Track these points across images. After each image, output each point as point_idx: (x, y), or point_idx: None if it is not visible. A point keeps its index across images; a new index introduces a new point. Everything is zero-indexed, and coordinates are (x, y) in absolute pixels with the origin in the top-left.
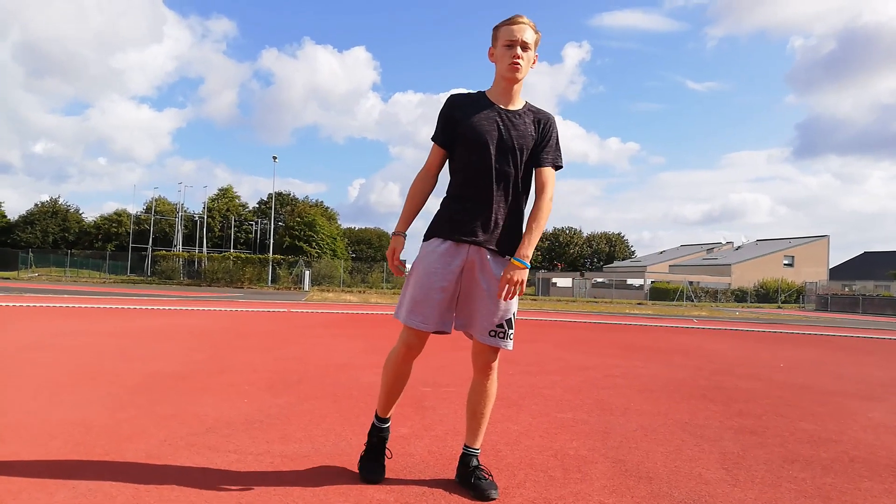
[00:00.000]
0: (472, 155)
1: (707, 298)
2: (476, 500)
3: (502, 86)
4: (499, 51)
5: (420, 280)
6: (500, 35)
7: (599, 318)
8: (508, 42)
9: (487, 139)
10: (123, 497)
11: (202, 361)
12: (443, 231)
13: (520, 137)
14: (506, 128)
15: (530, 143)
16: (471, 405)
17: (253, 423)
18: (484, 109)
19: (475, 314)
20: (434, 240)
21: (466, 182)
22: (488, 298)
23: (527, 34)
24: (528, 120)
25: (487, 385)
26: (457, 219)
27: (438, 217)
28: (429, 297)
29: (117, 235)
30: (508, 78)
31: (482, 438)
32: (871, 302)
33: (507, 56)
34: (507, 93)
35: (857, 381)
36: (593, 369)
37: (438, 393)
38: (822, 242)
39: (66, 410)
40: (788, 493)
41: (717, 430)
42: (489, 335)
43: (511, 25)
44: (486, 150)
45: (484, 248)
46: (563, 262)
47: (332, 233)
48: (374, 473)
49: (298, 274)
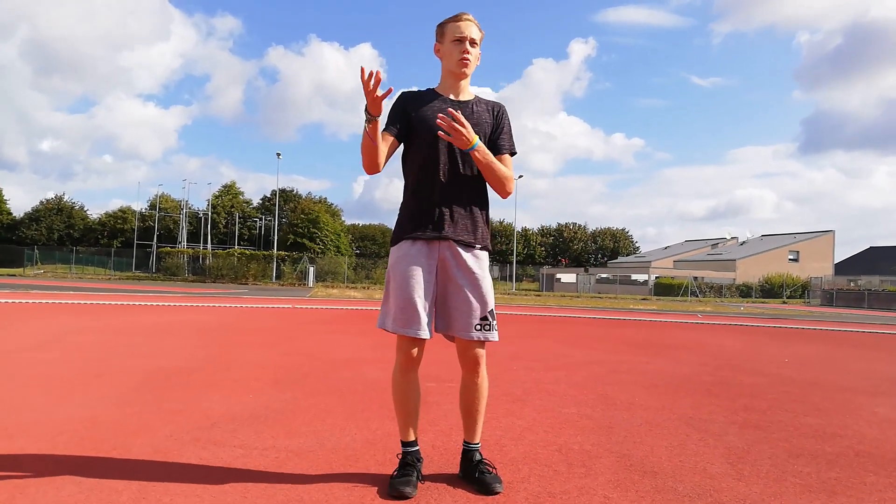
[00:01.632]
0: (427, 148)
1: (712, 294)
2: (481, 494)
3: (450, 81)
4: (446, 47)
5: (400, 285)
6: (446, 31)
7: (604, 314)
8: (457, 38)
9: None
10: (129, 492)
11: (207, 357)
12: (410, 231)
13: (475, 126)
14: None
15: (487, 131)
16: (465, 404)
17: (258, 418)
18: (435, 102)
19: (455, 313)
20: (403, 243)
21: (424, 176)
22: (469, 292)
23: (473, 31)
24: (481, 109)
25: (479, 382)
26: (420, 215)
27: (402, 219)
28: (413, 302)
29: (122, 232)
30: (457, 73)
31: (481, 433)
32: (877, 297)
33: (456, 52)
34: (455, 87)
35: (863, 376)
36: (597, 365)
37: (442, 388)
38: (828, 237)
39: (73, 407)
40: (793, 488)
41: (722, 425)
42: (475, 330)
43: (458, 22)
44: (440, 141)
45: (453, 242)
46: (567, 258)
47: (336, 229)
48: (403, 486)
49: (303, 270)
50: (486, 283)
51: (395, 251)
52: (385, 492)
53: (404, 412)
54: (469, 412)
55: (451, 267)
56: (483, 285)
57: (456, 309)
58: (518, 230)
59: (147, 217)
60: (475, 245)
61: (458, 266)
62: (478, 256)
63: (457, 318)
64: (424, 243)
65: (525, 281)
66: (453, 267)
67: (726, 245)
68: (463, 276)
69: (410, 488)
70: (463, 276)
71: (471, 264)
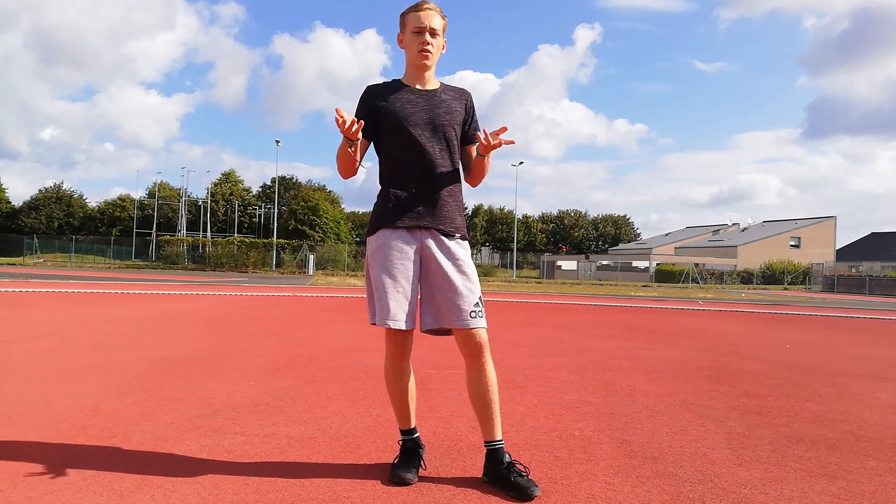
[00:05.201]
0: (400, 139)
1: (713, 280)
2: (517, 500)
3: (414, 72)
4: (407, 37)
5: (383, 277)
6: (407, 21)
7: (604, 301)
8: (417, 29)
9: (413, 120)
10: (131, 478)
11: (208, 346)
12: (388, 220)
13: (446, 114)
14: (430, 106)
15: (459, 120)
16: (477, 397)
17: (259, 405)
18: (403, 93)
19: (447, 303)
20: (382, 231)
21: (399, 167)
22: (459, 280)
23: (434, 20)
24: (450, 97)
25: (487, 370)
26: (399, 205)
27: (379, 209)
28: (397, 292)
29: (121, 220)
30: (419, 65)
31: (501, 427)
32: (878, 283)
33: (416, 43)
34: (420, 77)
35: (864, 362)
36: (598, 351)
37: (443, 375)
38: (829, 223)
39: (74, 395)
40: (794, 473)
41: (723, 411)
42: (471, 317)
43: (418, 12)
44: (413, 130)
45: (435, 230)
46: (568, 245)
47: (336, 217)
48: (404, 472)
49: (302, 258)
50: (473, 269)
51: (373, 240)
52: (386, 478)
53: (400, 402)
54: (483, 406)
55: (435, 255)
56: (470, 272)
57: (447, 299)
58: (518, 217)
59: (146, 206)
60: (455, 234)
61: (443, 254)
62: (460, 244)
63: (450, 308)
64: (405, 231)
65: (526, 268)
66: (438, 255)
67: (727, 231)
68: (450, 263)
69: (411, 475)
70: (450, 265)
71: (455, 251)
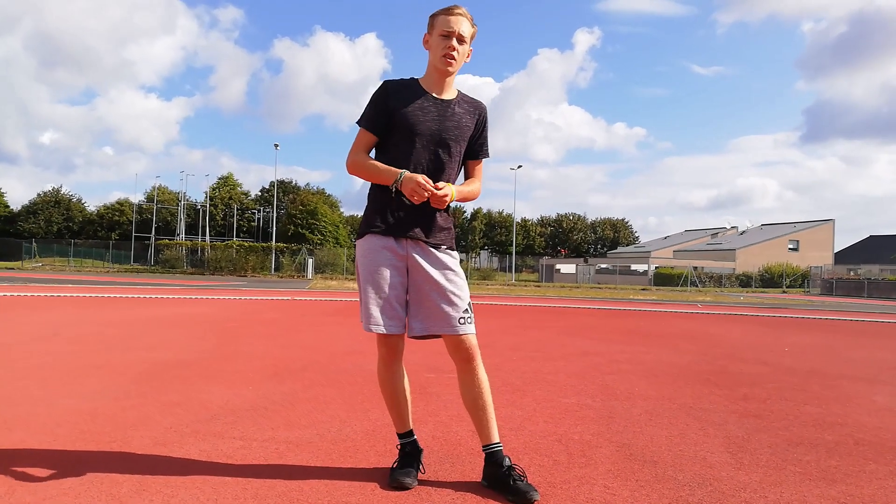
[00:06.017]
0: (402, 144)
1: (711, 283)
2: (516, 503)
3: (434, 77)
4: (434, 40)
5: (369, 281)
6: (437, 23)
7: (603, 304)
8: (445, 32)
9: (420, 129)
10: (129, 483)
11: (207, 350)
12: (378, 226)
13: (455, 128)
14: (441, 118)
15: (466, 135)
16: (471, 401)
17: (258, 409)
18: (418, 98)
19: (436, 310)
20: (370, 236)
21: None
22: (448, 286)
23: (464, 27)
24: (463, 110)
25: (478, 374)
26: (391, 212)
27: (370, 211)
28: (382, 297)
29: (119, 224)
30: (441, 70)
31: (497, 429)
32: (877, 286)
33: (442, 47)
34: (440, 83)
35: (863, 365)
36: (597, 355)
37: (442, 379)
38: (828, 226)
39: (73, 399)
40: (793, 476)
41: (722, 415)
42: (460, 323)
43: (449, 16)
44: (418, 140)
45: (422, 241)
46: (567, 249)
47: (335, 220)
48: (403, 477)
49: (301, 262)
50: (462, 276)
51: (361, 244)
52: (385, 483)
53: (393, 403)
54: (477, 409)
55: (422, 265)
56: (459, 280)
57: (436, 307)
58: (517, 221)
59: (145, 209)
60: (442, 244)
61: (430, 264)
62: (448, 254)
63: (439, 315)
64: (392, 238)
65: (524, 272)
66: (425, 265)
67: (726, 235)
68: (438, 272)
69: (411, 479)
70: (438, 273)
71: (443, 259)
